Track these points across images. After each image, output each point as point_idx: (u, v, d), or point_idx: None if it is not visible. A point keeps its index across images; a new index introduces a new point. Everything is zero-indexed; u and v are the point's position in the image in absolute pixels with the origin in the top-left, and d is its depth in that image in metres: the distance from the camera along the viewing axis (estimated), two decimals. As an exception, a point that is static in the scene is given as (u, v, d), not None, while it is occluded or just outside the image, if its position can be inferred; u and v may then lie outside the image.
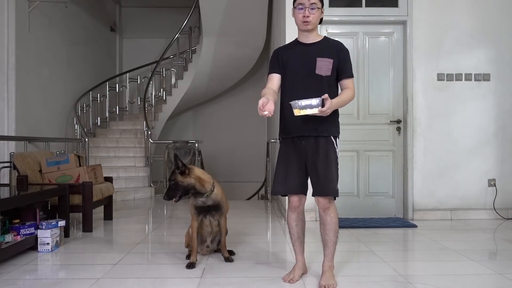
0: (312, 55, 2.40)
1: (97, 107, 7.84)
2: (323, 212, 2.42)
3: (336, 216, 2.43)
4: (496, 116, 4.57)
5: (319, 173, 2.37)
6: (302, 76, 2.41)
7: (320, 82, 2.38)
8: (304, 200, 2.50)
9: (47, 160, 4.14)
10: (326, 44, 2.45)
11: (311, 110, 2.20)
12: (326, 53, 2.40)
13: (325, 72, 2.38)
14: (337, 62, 2.40)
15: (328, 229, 2.41)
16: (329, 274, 2.42)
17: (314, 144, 2.39)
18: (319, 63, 2.38)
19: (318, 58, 2.38)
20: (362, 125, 4.59)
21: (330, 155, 2.39)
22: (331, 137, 2.41)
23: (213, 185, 2.82)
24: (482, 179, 4.55)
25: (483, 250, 3.32)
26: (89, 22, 7.76)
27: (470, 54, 4.56)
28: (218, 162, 8.55)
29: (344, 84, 2.44)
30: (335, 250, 2.46)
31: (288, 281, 2.47)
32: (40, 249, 3.18)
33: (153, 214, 5.39)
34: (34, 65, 5.84)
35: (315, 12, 2.36)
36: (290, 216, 2.52)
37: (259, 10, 6.55)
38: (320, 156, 2.38)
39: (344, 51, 2.43)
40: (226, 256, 2.91)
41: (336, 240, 2.44)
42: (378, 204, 4.61)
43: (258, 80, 9.04)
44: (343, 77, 2.43)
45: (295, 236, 2.53)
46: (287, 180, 2.44)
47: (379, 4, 4.59)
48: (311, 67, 2.39)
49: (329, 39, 2.51)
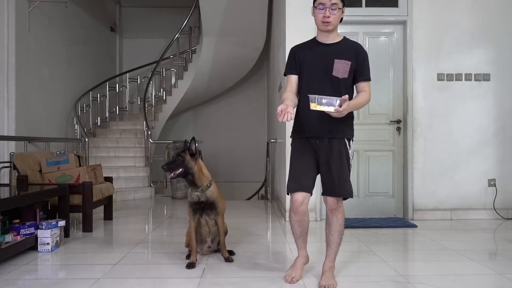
0: (330, 56, 2.36)
1: (97, 107, 7.84)
2: (330, 213, 2.42)
3: (343, 218, 2.42)
4: (496, 116, 4.57)
5: (332, 174, 2.36)
6: (318, 77, 2.37)
7: (336, 84, 2.35)
8: (307, 200, 2.44)
9: (47, 160, 4.14)
10: (345, 45, 2.41)
11: (328, 108, 2.18)
12: (344, 55, 2.36)
13: (342, 74, 2.35)
14: (355, 64, 2.37)
15: (333, 229, 2.41)
16: (329, 274, 2.42)
17: (328, 145, 2.38)
18: (336, 65, 2.34)
19: (336, 60, 2.34)
20: (362, 125, 4.59)
21: (344, 156, 2.38)
22: (344, 139, 2.40)
23: (210, 182, 2.84)
24: (482, 179, 4.55)
25: (483, 250, 3.32)
26: (89, 22, 7.77)
27: (470, 54, 4.56)
28: (218, 162, 8.55)
29: (361, 87, 2.41)
30: (337, 251, 2.46)
31: (289, 281, 2.44)
32: (40, 249, 3.18)
33: (153, 214, 5.39)
34: (34, 65, 5.84)
35: (336, 13, 2.31)
36: (293, 218, 2.47)
37: (259, 10, 6.55)
38: (334, 157, 2.37)
39: (362, 53, 2.40)
40: (226, 256, 2.92)
41: (340, 241, 2.44)
42: (378, 204, 4.61)
43: (258, 80, 9.05)
44: (360, 79, 2.39)
45: (297, 235, 2.52)
46: (303, 177, 2.40)
47: (379, 4, 4.59)
48: (328, 68, 2.35)
49: (349, 40, 2.46)
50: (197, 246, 2.91)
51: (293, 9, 4.49)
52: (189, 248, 2.96)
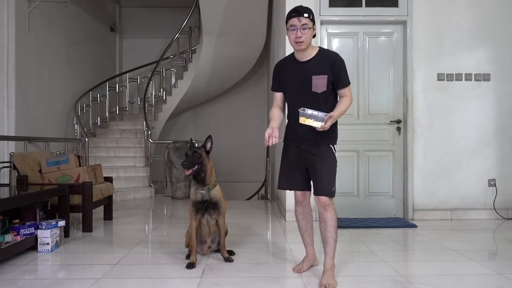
0: (308, 73, 2.50)
1: (97, 107, 7.83)
2: (323, 210, 2.51)
3: (335, 214, 2.53)
4: (496, 116, 4.57)
5: (320, 176, 2.50)
6: (300, 94, 2.53)
7: (317, 98, 2.49)
8: (308, 195, 2.64)
9: (47, 160, 4.14)
10: (320, 58, 2.53)
11: (315, 123, 2.34)
12: (320, 70, 2.49)
13: (321, 89, 2.49)
14: (331, 76, 2.49)
15: (329, 225, 2.50)
16: (330, 274, 2.45)
17: (314, 150, 2.52)
18: (314, 81, 2.49)
19: (314, 76, 2.49)
20: (362, 125, 4.59)
21: (329, 160, 2.53)
22: (329, 145, 2.54)
23: (215, 182, 2.90)
24: (482, 179, 4.55)
25: (483, 250, 3.32)
26: (89, 22, 7.76)
27: (470, 54, 4.56)
28: (218, 162, 8.53)
29: (342, 93, 2.55)
30: (335, 247, 2.51)
31: (296, 271, 2.63)
32: (40, 249, 3.18)
33: (153, 214, 5.38)
34: (34, 65, 5.84)
35: (306, 32, 2.44)
36: (297, 210, 2.69)
37: (259, 10, 6.54)
38: (319, 161, 2.51)
39: (337, 63, 2.51)
40: (226, 256, 2.92)
41: (336, 237, 2.51)
42: (378, 204, 4.61)
43: (258, 80, 9.04)
44: (340, 87, 2.53)
45: (302, 229, 2.69)
46: (289, 178, 2.64)
47: (379, 4, 4.59)
48: (307, 85, 2.50)
49: (324, 51, 2.60)
50: (197, 246, 2.91)
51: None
52: (189, 248, 2.96)
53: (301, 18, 2.42)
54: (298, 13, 2.43)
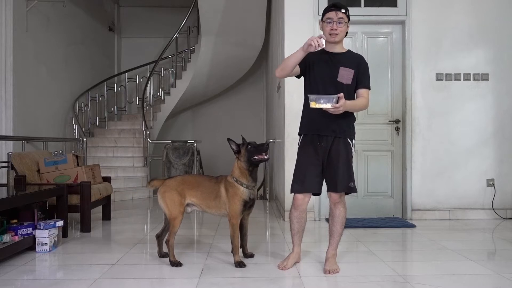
0: (336, 64, 2.62)
1: (95, 107, 7.82)
2: (333, 206, 2.68)
3: (345, 210, 2.69)
4: (495, 116, 4.58)
5: (338, 171, 2.59)
6: (324, 81, 2.61)
7: (341, 89, 2.55)
8: (308, 199, 2.72)
9: (45, 160, 4.13)
10: (349, 56, 2.68)
11: (325, 105, 2.42)
12: (349, 64, 2.62)
13: (346, 81, 2.60)
14: (357, 73, 2.62)
15: (336, 221, 2.69)
16: (332, 261, 2.67)
17: (332, 144, 2.61)
18: (341, 72, 2.60)
19: (341, 67, 2.61)
20: (361, 125, 4.56)
21: (347, 154, 2.62)
22: (347, 139, 2.63)
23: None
24: (481, 179, 4.55)
25: (481, 250, 3.32)
26: (87, 21, 7.75)
27: (468, 54, 4.56)
28: (217, 162, 8.53)
29: (360, 93, 2.65)
30: (339, 240, 2.73)
31: (281, 268, 2.70)
32: (38, 249, 3.17)
33: (152, 214, 5.37)
34: (32, 64, 5.83)
35: (342, 26, 2.60)
36: (293, 213, 2.75)
37: (258, 9, 6.54)
38: (339, 155, 2.60)
39: (364, 64, 2.67)
40: (248, 252, 2.99)
41: (342, 231, 2.71)
42: (377, 204, 4.61)
43: (257, 80, 9.04)
44: (360, 86, 2.64)
45: (294, 231, 2.78)
46: (306, 180, 2.65)
47: (377, 4, 4.59)
48: (333, 74, 2.61)
49: (353, 52, 2.76)
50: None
51: (291, 9, 4.49)
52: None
53: (338, 12, 2.59)
54: (336, 7, 2.60)
